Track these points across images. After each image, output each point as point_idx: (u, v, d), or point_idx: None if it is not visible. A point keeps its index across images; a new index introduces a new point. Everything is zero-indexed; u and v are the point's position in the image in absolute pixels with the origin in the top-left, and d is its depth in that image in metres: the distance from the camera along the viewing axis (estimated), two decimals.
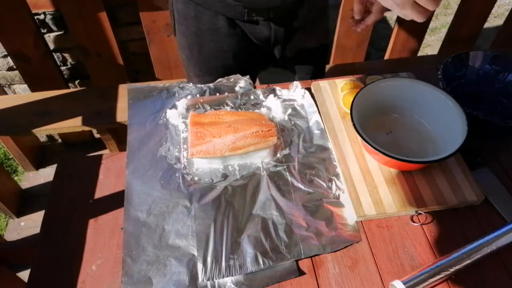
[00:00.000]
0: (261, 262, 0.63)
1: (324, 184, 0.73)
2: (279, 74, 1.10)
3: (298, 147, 0.78)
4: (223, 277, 0.61)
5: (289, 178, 0.73)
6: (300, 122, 0.83)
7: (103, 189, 0.77)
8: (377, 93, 0.79)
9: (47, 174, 1.78)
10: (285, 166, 0.75)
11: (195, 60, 0.98)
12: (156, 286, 0.61)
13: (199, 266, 0.62)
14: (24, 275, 1.32)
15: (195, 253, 0.64)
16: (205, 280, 0.61)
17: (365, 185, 0.72)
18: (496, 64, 0.87)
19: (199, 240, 0.65)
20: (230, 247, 0.64)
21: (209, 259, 0.63)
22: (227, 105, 0.85)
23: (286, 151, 0.77)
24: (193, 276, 0.61)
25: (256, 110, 0.84)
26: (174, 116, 0.82)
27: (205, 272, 0.61)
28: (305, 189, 0.72)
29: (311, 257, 0.65)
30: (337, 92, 0.87)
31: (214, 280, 0.61)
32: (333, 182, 0.73)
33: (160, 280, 0.61)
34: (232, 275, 0.61)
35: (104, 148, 1.77)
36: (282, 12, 0.88)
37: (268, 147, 0.76)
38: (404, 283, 0.59)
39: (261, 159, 0.76)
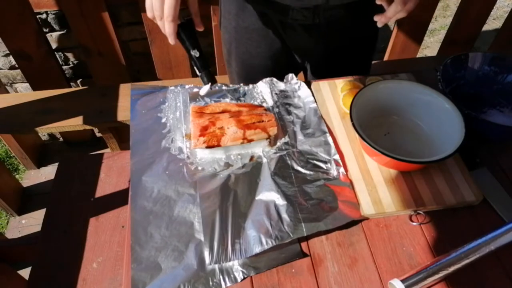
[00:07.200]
0: (264, 243, 0.64)
1: (324, 166, 0.75)
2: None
3: (297, 134, 0.80)
4: (229, 261, 0.63)
5: (289, 162, 0.75)
6: (297, 111, 0.85)
7: (104, 188, 0.78)
8: (376, 94, 0.80)
9: (48, 172, 1.78)
10: (285, 152, 0.77)
11: (234, 56, 1.00)
12: (165, 271, 0.62)
13: (206, 250, 0.64)
14: (25, 272, 1.33)
15: (202, 239, 0.65)
16: (212, 264, 0.62)
17: (364, 184, 0.72)
18: (495, 65, 0.88)
19: (205, 226, 0.66)
20: (235, 232, 0.66)
21: (215, 244, 0.64)
22: (227, 97, 0.87)
23: (285, 139, 0.79)
24: (201, 260, 0.63)
25: (256, 102, 0.86)
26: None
27: (212, 256, 0.63)
28: (305, 171, 0.74)
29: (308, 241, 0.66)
30: (337, 93, 0.87)
31: (221, 263, 0.63)
32: (332, 163, 0.75)
33: (169, 265, 0.62)
34: (238, 258, 0.63)
35: (106, 147, 1.78)
36: (329, 21, 0.85)
37: (268, 137, 0.77)
38: (403, 282, 0.60)
39: (262, 148, 0.77)
